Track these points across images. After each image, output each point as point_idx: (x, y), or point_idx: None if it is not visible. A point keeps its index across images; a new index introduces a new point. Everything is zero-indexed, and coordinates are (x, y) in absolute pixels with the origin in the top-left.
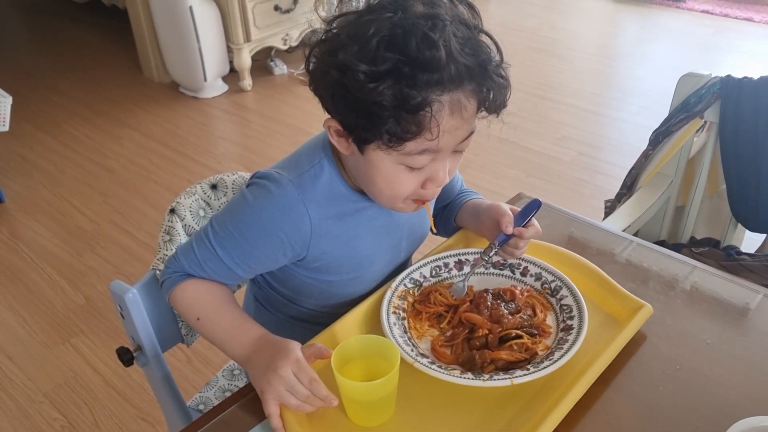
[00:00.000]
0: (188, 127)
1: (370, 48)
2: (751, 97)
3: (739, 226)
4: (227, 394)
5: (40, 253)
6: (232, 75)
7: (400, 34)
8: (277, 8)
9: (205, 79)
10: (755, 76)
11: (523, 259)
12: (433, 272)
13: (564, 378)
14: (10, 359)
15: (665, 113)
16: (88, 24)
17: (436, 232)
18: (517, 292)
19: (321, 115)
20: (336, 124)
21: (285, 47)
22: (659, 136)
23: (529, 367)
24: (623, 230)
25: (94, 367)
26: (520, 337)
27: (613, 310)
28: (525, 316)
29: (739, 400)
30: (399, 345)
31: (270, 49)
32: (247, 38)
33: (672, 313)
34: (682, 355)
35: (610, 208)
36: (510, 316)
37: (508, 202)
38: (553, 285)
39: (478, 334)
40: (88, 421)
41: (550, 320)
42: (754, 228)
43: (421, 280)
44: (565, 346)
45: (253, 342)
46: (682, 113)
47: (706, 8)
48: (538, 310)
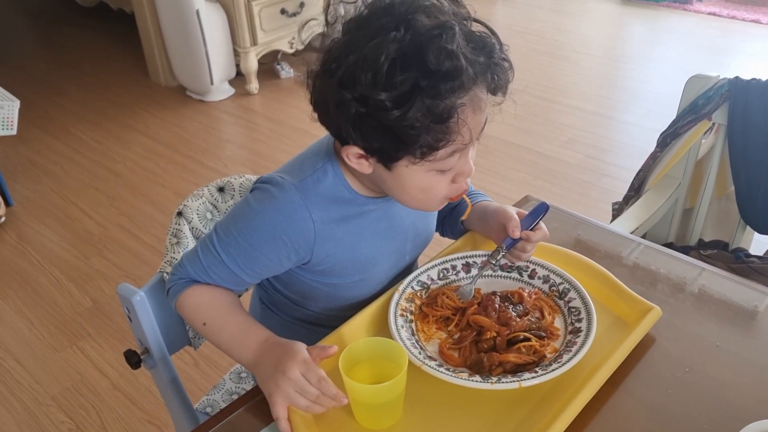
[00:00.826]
0: (195, 130)
1: (386, 73)
2: (760, 99)
3: (748, 228)
4: (234, 397)
5: (48, 257)
6: (238, 78)
7: (413, 52)
8: (283, 11)
9: (212, 83)
10: (763, 78)
11: (530, 262)
12: (441, 275)
13: (572, 381)
14: (18, 362)
15: (673, 116)
16: (96, 28)
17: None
18: (525, 294)
19: None
20: (357, 150)
21: (291, 50)
22: (667, 138)
23: (537, 369)
24: (631, 232)
25: (102, 370)
26: (528, 340)
27: (622, 313)
28: (533, 319)
29: (749, 403)
30: (407, 348)
31: (276, 52)
32: (254, 42)
33: (681, 316)
34: (692, 358)
35: (618, 210)
36: (518, 319)
37: (515, 204)
38: (561, 287)
39: (486, 337)
40: (96, 425)
41: (558, 323)
42: (763, 230)
43: (429, 283)
44: (574, 349)
45: (259, 345)
46: (690, 115)
47: (713, 10)
48: (546, 313)
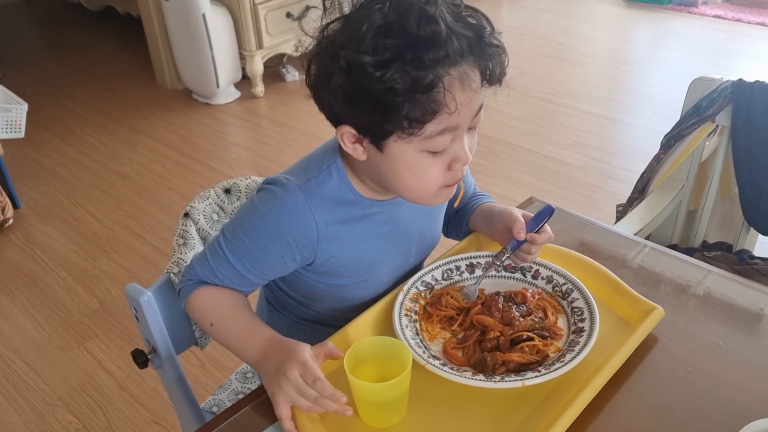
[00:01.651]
0: (201, 133)
1: (370, 39)
2: (763, 101)
3: (752, 230)
4: (240, 397)
5: (56, 258)
6: (244, 82)
7: (396, 19)
8: (289, 15)
9: (218, 86)
10: (767, 80)
11: (534, 262)
12: (445, 275)
13: (575, 380)
14: (26, 363)
15: (678, 118)
16: (103, 32)
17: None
18: (529, 294)
19: None
20: (350, 129)
21: (297, 54)
22: (671, 140)
23: (540, 369)
24: (635, 234)
25: (109, 371)
26: (531, 340)
27: (625, 313)
28: (536, 319)
29: (751, 402)
30: (411, 347)
31: (282, 55)
32: (260, 45)
33: (684, 316)
34: (694, 358)
35: (622, 212)
36: (521, 319)
37: (519, 206)
38: (564, 288)
39: (490, 336)
40: (103, 425)
41: (562, 323)
42: (767, 232)
43: (433, 283)
44: (577, 348)
45: (264, 345)
46: (694, 117)
47: (719, 13)
48: (549, 313)
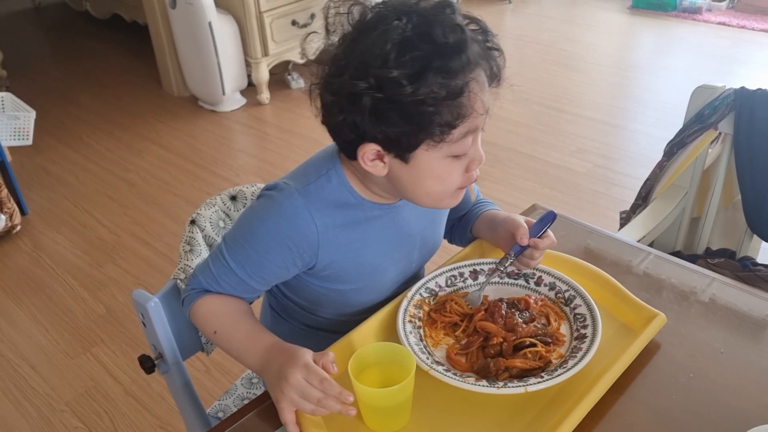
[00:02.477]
0: (207, 140)
1: (396, 55)
2: (765, 109)
3: (755, 237)
4: (246, 402)
5: (62, 264)
6: (250, 89)
7: (417, 32)
8: (294, 23)
9: (224, 93)
10: None
11: (537, 269)
12: (449, 282)
13: (578, 386)
14: (33, 368)
15: (681, 125)
16: (110, 40)
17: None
18: (531, 301)
19: None
20: (373, 147)
21: (302, 61)
22: (674, 148)
23: (543, 374)
24: (638, 241)
25: (115, 377)
26: (534, 346)
27: (627, 319)
28: (539, 325)
29: (753, 408)
30: (415, 353)
31: (287, 62)
32: (265, 52)
33: (686, 323)
34: (696, 364)
35: (625, 219)
36: (524, 325)
37: (523, 213)
38: (566, 294)
39: (493, 343)
40: (109, 430)
41: (564, 329)
42: None
43: (437, 290)
44: (579, 354)
45: (265, 351)
46: (697, 125)
47: (723, 20)
48: (552, 319)
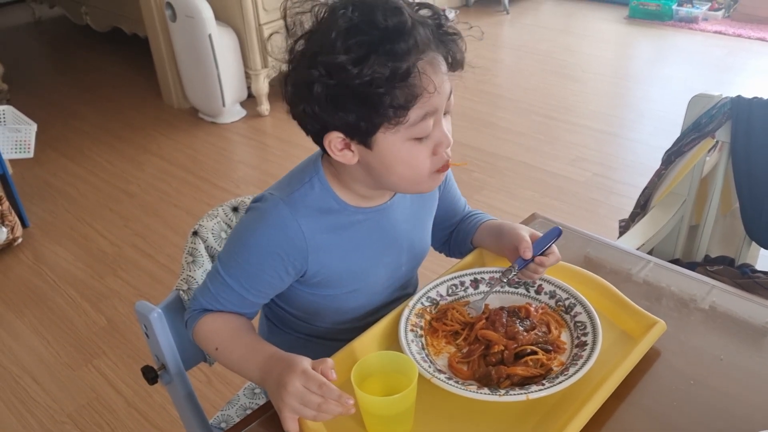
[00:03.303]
0: (207, 152)
1: (342, 41)
2: (762, 117)
3: (754, 244)
4: (249, 412)
5: (64, 277)
6: (250, 100)
7: (361, 19)
8: None
9: (224, 105)
10: (765, 96)
11: None
12: (450, 291)
13: (579, 393)
14: (35, 380)
15: (678, 134)
16: (110, 53)
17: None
18: (532, 309)
19: None
20: (337, 135)
21: None
22: (672, 156)
23: (544, 382)
24: (637, 249)
25: (116, 388)
26: (535, 353)
27: (627, 327)
28: (540, 333)
29: (753, 415)
30: (417, 361)
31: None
32: (265, 64)
33: (686, 330)
34: (696, 371)
35: (624, 227)
36: (525, 333)
37: (522, 222)
38: (567, 302)
39: (494, 351)
40: None
41: (565, 337)
42: None
43: (438, 299)
44: (580, 362)
45: (265, 361)
46: (694, 133)
47: (719, 29)
48: (552, 327)
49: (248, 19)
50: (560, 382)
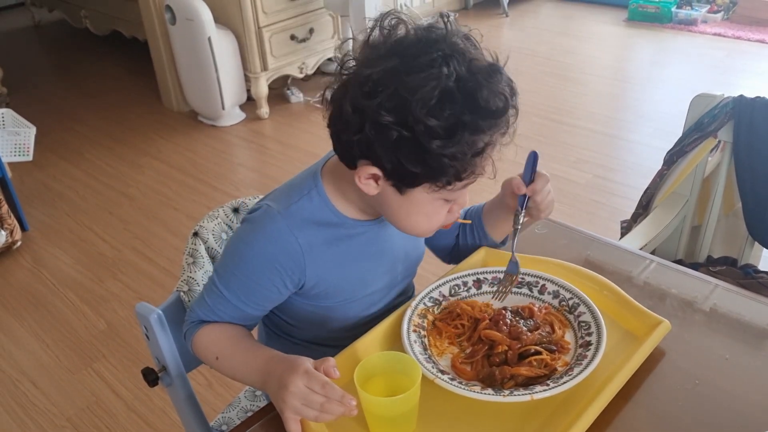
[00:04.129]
0: (207, 154)
1: (436, 104)
2: (764, 116)
3: (756, 244)
4: (249, 414)
5: (63, 280)
6: (249, 103)
7: (465, 87)
8: (293, 37)
9: (223, 108)
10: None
11: (540, 277)
12: (452, 291)
13: (584, 393)
14: (34, 384)
15: (680, 135)
16: (109, 56)
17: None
18: (536, 309)
19: None
20: (375, 170)
21: (301, 75)
22: (674, 156)
23: (548, 382)
24: (639, 249)
25: (116, 392)
26: (539, 354)
27: (632, 327)
28: (544, 333)
29: (759, 415)
30: (420, 362)
31: (286, 77)
32: (264, 67)
33: (690, 330)
34: (701, 371)
35: (626, 228)
36: (529, 333)
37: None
38: (570, 302)
39: (498, 351)
40: None
41: (569, 337)
42: None
43: (441, 299)
44: (584, 362)
45: (265, 364)
46: (696, 133)
47: (719, 31)
48: (556, 327)
49: (248, 22)
50: (565, 383)
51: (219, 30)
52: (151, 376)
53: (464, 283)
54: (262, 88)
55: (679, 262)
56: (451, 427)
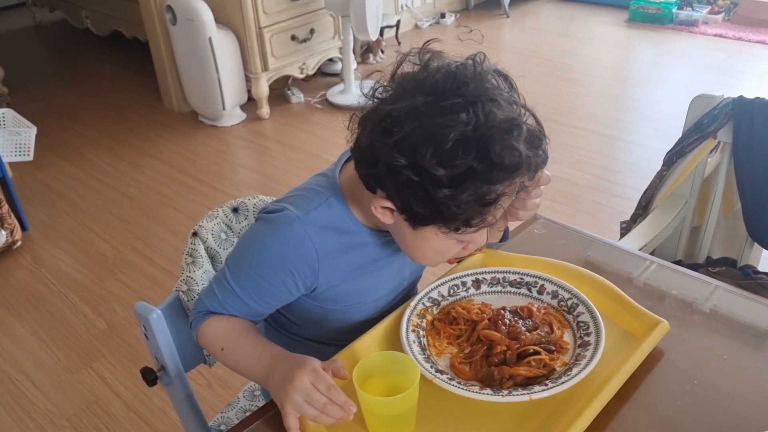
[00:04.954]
0: (207, 155)
1: (448, 152)
2: (764, 117)
3: (756, 245)
4: (248, 414)
5: (63, 280)
6: (250, 103)
7: (480, 138)
8: (294, 38)
9: (224, 108)
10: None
11: (539, 278)
12: (451, 291)
13: (582, 393)
14: (34, 384)
15: (679, 135)
16: (110, 56)
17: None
18: (534, 309)
19: (337, 141)
20: (389, 204)
21: (302, 76)
22: (673, 157)
23: (547, 382)
24: (639, 250)
25: (116, 392)
26: (537, 354)
27: (630, 327)
28: (542, 333)
29: (757, 415)
30: (418, 362)
31: (287, 77)
32: (265, 67)
33: (689, 330)
34: (700, 371)
35: (626, 229)
36: (528, 333)
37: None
38: (569, 302)
39: (497, 351)
40: None
41: (568, 337)
42: None
43: (440, 299)
44: (583, 362)
45: (272, 359)
46: (696, 134)
47: (719, 32)
48: (555, 327)
49: (248, 23)
50: (564, 383)
51: (220, 30)
52: (150, 376)
53: (463, 284)
54: (263, 88)
55: (679, 262)
56: (450, 427)
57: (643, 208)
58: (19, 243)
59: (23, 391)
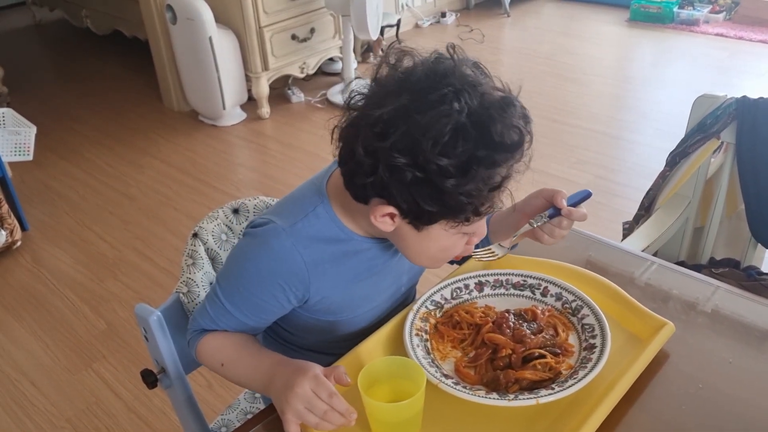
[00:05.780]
0: (207, 154)
1: (449, 141)
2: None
3: (759, 246)
4: (249, 417)
5: (63, 280)
6: (250, 103)
7: (478, 122)
8: (294, 37)
9: (224, 108)
10: None
11: (542, 280)
12: (454, 294)
13: (589, 397)
14: (34, 385)
15: (682, 135)
16: (110, 56)
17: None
18: (539, 312)
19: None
20: (390, 209)
21: (302, 75)
22: (676, 157)
23: (553, 386)
24: (642, 251)
25: (116, 392)
26: (543, 357)
27: (635, 329)
28: (547, 336)
29: (762, 419)
30: (423, 366)
31: (287, 77)
32: (265, 67)
33: (693, 333)
34: (705, 374)
35: (628, 230)
36: (532, 336)
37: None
38: (573, 305)
39: (502, 354)
40: None
41: (573, 339)
42: None
43: (443, 302)
44: (589, 365)
45: (272, 366)
46: (699, 134)
47: (721, 31)
48: (560, 330)
49: (249, 22)
50: (570, 386)
51: (220, 30)
52: (150, 378)
53: (466, 286)
54: (263, 87)
55: (682, 263)
56: None
57: (646, 209)
58: (19, 243)
59: (23, 392)
